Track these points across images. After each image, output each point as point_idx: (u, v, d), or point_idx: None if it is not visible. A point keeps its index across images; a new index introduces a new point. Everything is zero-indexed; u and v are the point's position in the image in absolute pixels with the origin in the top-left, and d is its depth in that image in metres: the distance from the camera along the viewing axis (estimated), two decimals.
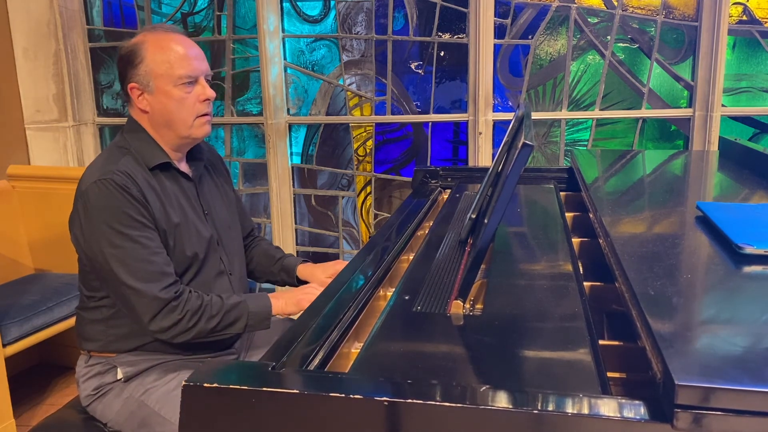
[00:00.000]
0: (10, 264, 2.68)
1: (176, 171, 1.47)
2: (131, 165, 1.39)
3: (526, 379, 0.80)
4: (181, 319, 1.35)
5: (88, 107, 3.14)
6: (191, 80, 1.40)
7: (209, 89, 1.43)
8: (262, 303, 1.44)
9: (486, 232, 1.04)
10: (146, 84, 1.39)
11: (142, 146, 1.43)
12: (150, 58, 1.38)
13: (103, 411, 1.44)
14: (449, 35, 2.81)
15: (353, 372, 0.83)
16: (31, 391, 2.60)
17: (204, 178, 1.57)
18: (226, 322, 1.39)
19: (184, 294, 1.37)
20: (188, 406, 0.77)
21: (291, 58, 3.00)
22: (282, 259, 1.71)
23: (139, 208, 1.34)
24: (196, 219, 1.48)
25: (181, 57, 1.39)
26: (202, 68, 1.42)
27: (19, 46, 2.93)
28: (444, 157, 3.03)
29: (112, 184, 1.33)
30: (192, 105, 1.41)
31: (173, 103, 1.40)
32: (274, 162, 3.01)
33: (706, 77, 2.63)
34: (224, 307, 1.39)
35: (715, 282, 0.90)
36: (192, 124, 1.42)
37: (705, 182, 1.67)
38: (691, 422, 0.62)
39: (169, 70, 1.38)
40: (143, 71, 1.39)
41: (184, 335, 1.37)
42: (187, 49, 1.41)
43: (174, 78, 1.38)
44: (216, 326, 1.38)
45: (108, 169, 1.35)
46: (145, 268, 1.33)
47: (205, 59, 1.45)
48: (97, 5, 3.10)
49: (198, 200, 1.52)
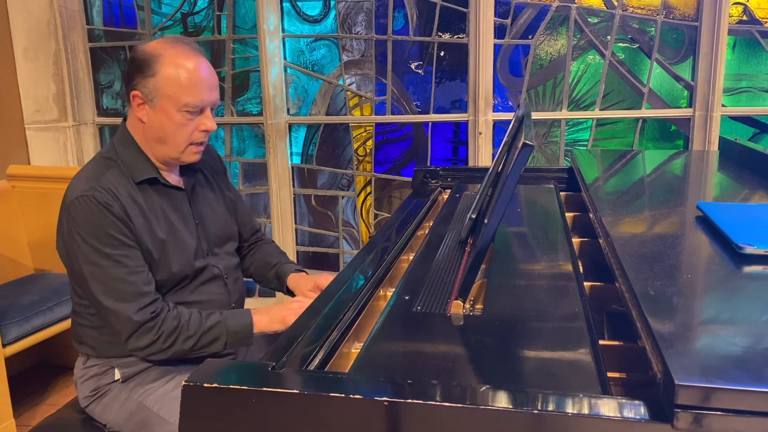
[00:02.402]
0: (10, 264, 2.68)
1: (164, 185, 1.44)
2: (116, 179, 1.36)
3: (526, 379, 0.80)
4: (156, 340, 1.33)
5: (88, 107, 3.14)
6: (196, 109, 1.36)
7: (211, 121, 1.39)
8: (242, 321, 1.41)
9: (486, 232, 1.04)
10: (151, 98, 1.35)
11: (130, 159, 1.40)
12: (162, 75, 1.33)
13: (101, 412, 1.44)
14: (449, 35, 2.81)
15: (353, 372, 0.83)
16: (31, 391, 2.60)
17: (197, 187, 1.53)
18: (204, 342, 1.37)
19: (161, 314, 1.34)
20: (188, 406, 0.76)
21: (291, 58, 3.00)
22: (277, 265, 1.68)
23: (120, 226, 1.32)
24: (185, 232, 1.45)
25: (192, 84, 1.34)
26: (211, 99, 1.38)
27: (19, 46, 2.93)
28: (444, 157, 3.03)
29: (93, 201, 1.30)
30: (189, 133, 1.38)
31: (172, 126, 1.36)
32: (274, 162, 3.01)
33: (706, 77, 2.63)
34: (202, 327, 1.37)
35: (715, 282, 0.90)
36: (184, 150, 1.39)
37: (705, 182, 1.67)
38: (691, 422, 0.62)
39: (177, 93, 1.33)
40: (152, 85, 1.34)
41: (161, 355, 1.35)
42: (201, 76, 1.36)
43: (180, 104, 1.34)
44: (194, 346, 1.36)
45: (91, 185, 1.32)
46: (121, 288, 1.31)
47: (217, 88, 1.40)
48: (97, 5, 3.10)
49: (190, 210, 1.49)
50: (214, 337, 1.38)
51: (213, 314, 1.40)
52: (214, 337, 1.38)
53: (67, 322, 2.34)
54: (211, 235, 1.53)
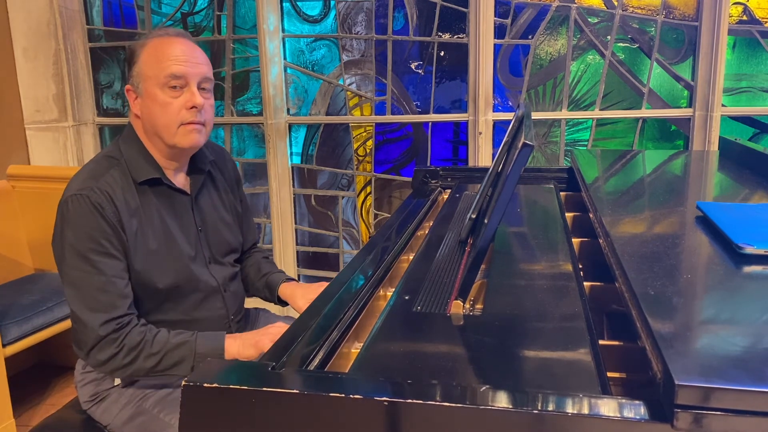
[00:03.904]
0: (10, 264, 2.68)
1: (168, 187, 1.39)
2: (116, 180, 1.32)
3: (526, 379, 0.80)
4: (116, 354, 1.27)
5: (88, 107, 3.14)
6: (179, 83, 1.30)
7: (198, 96, 1.31)
8: (213, 345, 1.32)
9: (486, 232, 1.04)
10: (137, 86, 1.33)
11: (133, 158, 1.36)
12: (142, 59, 1.31)
13: (102, 415, 1.43)
14: (449, 35, 2.81)
15: (353, 372, 0.83)
16: (31, 391, 2.60)
17: (204, 192, 1.48)
18: (168, 362, 1.29)
19: (127, 327, 1.29)
20: (188, 406, 0.76)
21: (291, 58, 3.00)
22: (268, 275, 1.62)
23: (108, 232, 1.28)
24: (182, 241, 1.40)
25: (170, 57, 1.30)
26: (194, 72, 1.32)
27: (19, 46, 2.93)
28: (444, 157, 3.03)
29: (87, 201, 1.27)
30: (176, 111, 1.31)
31: (157, 108, 1.30)
32: (274, 162, 3.01)
33: (706, 77, 2.63)
34: (167, 345, 1.30)
35: (715, 282, 0.90)
36: (176, 132, 1.32)
37: (705, 182, 1.67)
38: (691, 422, 0.62)
39: (156, 70, 1.29)
40: (136, 72, 1.32)
41: (121, 371, 1.30)
42: (180, 49, 1.31)
43: (160, 79, 1.29)
44: (156, 365, 1.29)
45: (88, 185, 1.29)
46: (95, 297, 1.27)
47: (202, 64, 1.34)
48: (96, 5, 3.10)
49: (192, 217, 1.44)
50: (179, 358, 1.30)
51: (182, 334, 1.33)
52: (179, 358, 1.30)
53: (67, 322, 2.34)
54: (214, 243, 1.49)
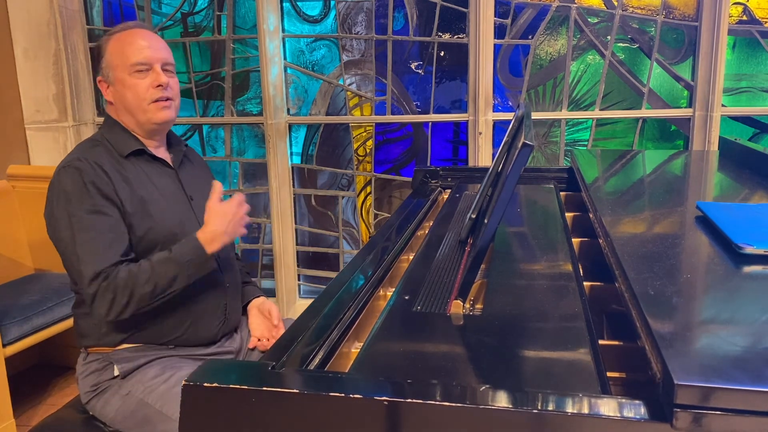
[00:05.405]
0: (10, 264, 2.68)
1: (152, 157, 1.51)
2: (102, 155, 1.44)
3: (526, 378, 0.80)
4: (114, 297, 1.33)
5: (88, 107, 3.14)
6: (144, 68, 1.45)
7: (162, 75, 1.47)
8: (192, 247, 1.39)
9: (486, 232, 1.04)
10: (107, 76, 1.48)
11: (115, 137, 1.49)
12: (109, 52, 1.47)
13: (102, 409, 1.44)
14: (449, 35, 2.81)
15: (353, 372, 0.83)
16: (31, 391, 2.60)
17: (185, 166, 1.60)
18: (163, 281, 1.36)
19: (113, 273, 1.34)
20: (188, 406, 0.77)
21: (291, 58, 3.00)
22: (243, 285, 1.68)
23: (101, 189, 1.37)
24: (173, 202, 1.50)
25: (133, 47, 1.45)
26: (156, 57, 1.47)
27: (19, 46, 2.93)
28: (444, 157, 3.03)
29: (76, 169, 1.38)
30: (145, 91, 1.45)
31: (128, 91, 1.46)
32: (274, 162, 3.01)
33: (706, 77, 2.63)
34: (154, 268, 1.36)
35: (715, 282, 0.90)
36: (147, 109, 1.46)
37: (705, 182, 1.67)
38: (690, 422, 0.62)
39: (122, 59, 1.45)
40: (104, 64, 1.47)
41: (128, 309, 1.35)
42: (141, 39, 1.47)
43: (127, 66, 1.44)
44: (154, 288, 1.35)
45: (75, 157, 1.41)
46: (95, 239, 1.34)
47: (161, 50, 1.49)
48: (97, 5, 3.10)
49: (181, 187, 1.54)
50: (172, 273, 1.37)
51: (160, 253, 1.40)
52: (172, 273, 1.37)
53: (67, 322, 2.34)
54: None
